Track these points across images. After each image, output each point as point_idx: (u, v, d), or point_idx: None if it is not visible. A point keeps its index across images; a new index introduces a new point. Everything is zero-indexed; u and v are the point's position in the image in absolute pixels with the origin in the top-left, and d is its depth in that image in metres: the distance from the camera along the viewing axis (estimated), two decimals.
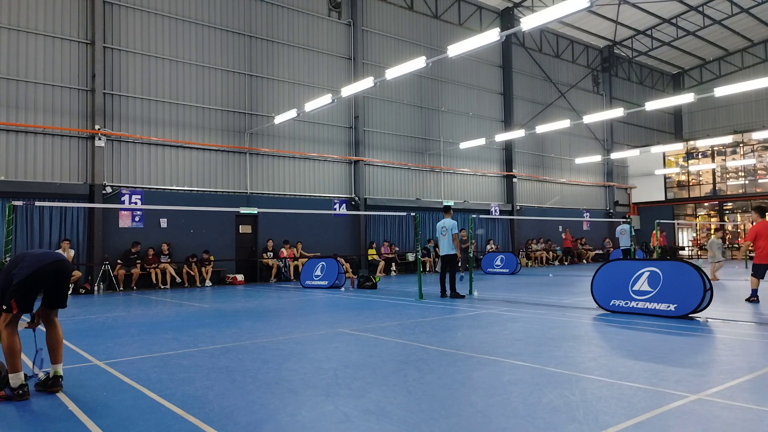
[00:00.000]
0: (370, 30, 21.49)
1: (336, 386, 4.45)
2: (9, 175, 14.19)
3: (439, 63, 22.56)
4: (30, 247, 14.33)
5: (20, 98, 14.46)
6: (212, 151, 17.54)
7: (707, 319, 7.71)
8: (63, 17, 15.21)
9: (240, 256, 17.86)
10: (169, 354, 5.98)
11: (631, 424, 3.41)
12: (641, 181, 33.16)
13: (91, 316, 9.63)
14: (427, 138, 23.16)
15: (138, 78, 16.25)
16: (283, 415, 3.74)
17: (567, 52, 29.68)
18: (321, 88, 19.47)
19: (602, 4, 25.65)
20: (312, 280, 15.32)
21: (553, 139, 28.56)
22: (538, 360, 5.30)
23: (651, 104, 17.62)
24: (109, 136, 15.56)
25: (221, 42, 17.87)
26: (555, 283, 15.35)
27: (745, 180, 30.37)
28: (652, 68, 34.97)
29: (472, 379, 4.66)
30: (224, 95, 17.85)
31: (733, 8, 27.15)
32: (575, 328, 7.36)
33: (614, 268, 8.99)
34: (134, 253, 15.36)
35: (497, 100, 25.99)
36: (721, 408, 3.72)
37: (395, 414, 3.73)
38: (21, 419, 3.81)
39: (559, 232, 27.94)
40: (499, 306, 9.97)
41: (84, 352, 6.19)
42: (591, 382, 4.47)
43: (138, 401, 4.15)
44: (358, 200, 20.47)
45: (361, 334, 7.03)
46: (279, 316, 9.22)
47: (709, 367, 5.01)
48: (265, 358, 5.62)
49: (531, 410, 3.74)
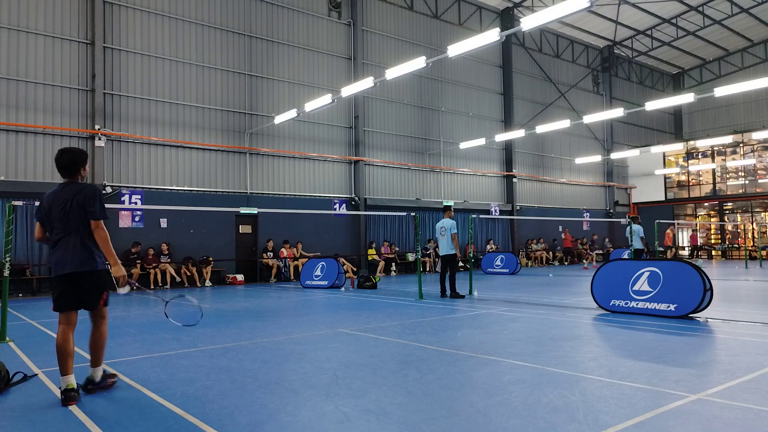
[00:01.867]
0: (370, 30, 21.49)
1: (336, 386, 4.45)
2: (9, 175, 14.19)
3: (439, 63, 22.56)
4: (30, 247, 14.34)
5: (20, 98, 14.46)
6: (212, 151, 17.54)
7: (707, 319, 7.71)
8: (63, 17, 15.21)
9: (240, 256, 17.86)
10: (169, 354, 5.98)
11: (631, 424, 3.40)
12: (641, 181, 33.17)
13: None
14: (427, 138, 23.16)
15: (138, 78, 16.25)
16: (283, 415, 3.74)
17: (567, 52, 29.68)
18: (321, 88, 19.47)
19: (602, 4, 25.65)
20: (312, 280, 15.32)
21: (553, 139, 28.56)
22: (538, 360, 5.30)
23: (651, 104, 17.62)
24: (109, 136, 15.56)
25: (221, 42, 17.87)
26: (555, 283, 15.35)
27: (745, 180, 30.37)
28: (652, 68, 34.97)
29: (472, 379, 4.66)
30: (224, 95, 17.85)
31: (733, 8, 27.15)
32: (575, 328, 7.36)
33: (614, 268, 8.99)
34: (134, 253, 15.36)
35: (497, 100, 25.99)
36: (721, 408, 3.72)
37: (395, 414, 3.73)
38: (21, 419, 3.81)
39: (559, 232, 27.95)
40: (499, 306, 9.97)
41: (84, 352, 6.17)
42: (591, 382, 4.47)
43: (138, 401, 4.15)
44: (358, 200, 20.47)
45: (361, 334, 7.03)
46: (279, 316, 9.22)
47: (709, 367, 5.00)
48: (265, 358, 5.62)
49: (531, 410, 3.74)
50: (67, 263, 4.33)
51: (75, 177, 4.54)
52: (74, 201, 4.37)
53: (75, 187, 4.45)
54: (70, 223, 4.38)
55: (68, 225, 4.38)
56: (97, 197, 4.43)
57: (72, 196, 4.38)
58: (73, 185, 4.48)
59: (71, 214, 4.37)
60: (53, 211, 4.41)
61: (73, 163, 4.51)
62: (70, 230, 4.38)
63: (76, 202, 4.37)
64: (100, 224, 4.41)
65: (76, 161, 4.52)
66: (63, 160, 4.50)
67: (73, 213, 4.37)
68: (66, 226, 4.38)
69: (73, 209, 4.37)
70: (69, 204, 4.37)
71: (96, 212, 4.38)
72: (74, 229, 4.38)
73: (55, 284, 4.42)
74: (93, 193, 4.43)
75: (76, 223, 4.38)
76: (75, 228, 4.38)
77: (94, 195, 4.42)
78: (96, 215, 4.38)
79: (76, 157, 4.53)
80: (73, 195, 4.39)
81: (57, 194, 4.45)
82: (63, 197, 4.40)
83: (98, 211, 4.40)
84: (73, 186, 4.47)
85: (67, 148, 4.57)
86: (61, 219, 4.38)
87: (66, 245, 4.37)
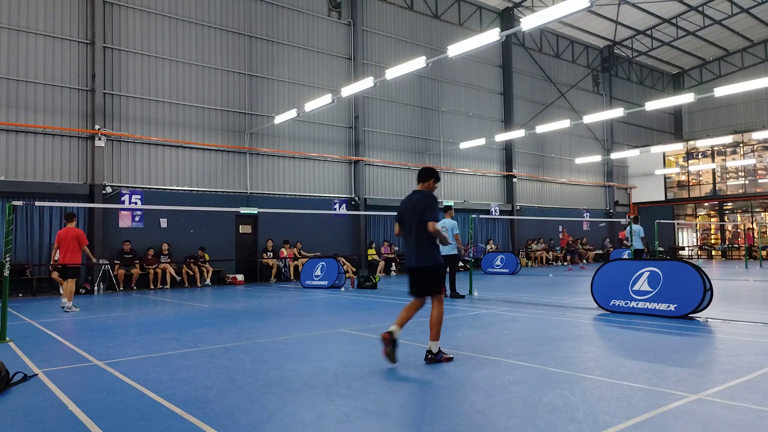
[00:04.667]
0: (370, 30, 21.49)
1: (336, 386, 4.45)
2: (9, 175, 14.19)
3: (439, 63, 22.56)
4: (30, 247, 14.35)
5: (20, 98, 14.46)
6: (212, 151, 17.54)
7: (707, 319, 7.71)
8: (63, 17, 15.21)
9: (240, 256, 17.86)
10: (169, 354, 5.97)
11: (631, 424, 3.40)
12: (641, 181, 33.17)
13: (91, 316, 9.63)
14: (427, 138, 23.16)
15: (138, 78, 16.25)
16: (283, 415, 3.74)
17: (567, 52, 29.68)
18: (321, 88, 19.47)
19: (602, 4, 25.65)
20: (312, 280, 15.32)
21: (553, 139, 28.56)
22: (538, 360, 5.30)
23: (651, 104, 17.62)
24: (109, 136, 15.56)
25: (221, 42, 17.87)
26: (555, 283, 15.34)
27: (745, 180, 30.38)
28: (652, 68, 34.97)
29: (472, 379, 4.66)
30: (224, 95, 17.85)
31: (733, 8, 27.15)
32: (575, 328, 7.36)
33: (614, 268, 8.99)
34: (127, 252, 15.33)
35: (497, 100, 25.99)
36: (721, 408, 3.72)
37: (395, 414, 3.73)
38: (21, 419, 3.81)
39: (558, 232, 27.96)
40: (499, 306, 9.97)
41: (84, 352, 6.19)
42: (591, 382, 4.47)
43: (138, 401, 4.15)
44: (358, 200, 20.47)
45: (361, 334, 7.03)
46: (279, 316, 9.22)
47: (709, 367, 5.00)
48: (265, 358, 5.62)
49: (531, 410, 3.74)
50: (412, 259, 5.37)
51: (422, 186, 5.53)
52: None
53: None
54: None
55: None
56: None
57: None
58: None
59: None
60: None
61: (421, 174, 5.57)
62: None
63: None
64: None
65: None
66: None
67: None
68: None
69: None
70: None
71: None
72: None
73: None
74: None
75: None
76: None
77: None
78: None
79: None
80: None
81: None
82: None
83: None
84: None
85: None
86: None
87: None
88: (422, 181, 5.51)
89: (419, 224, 5.23)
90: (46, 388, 4.61)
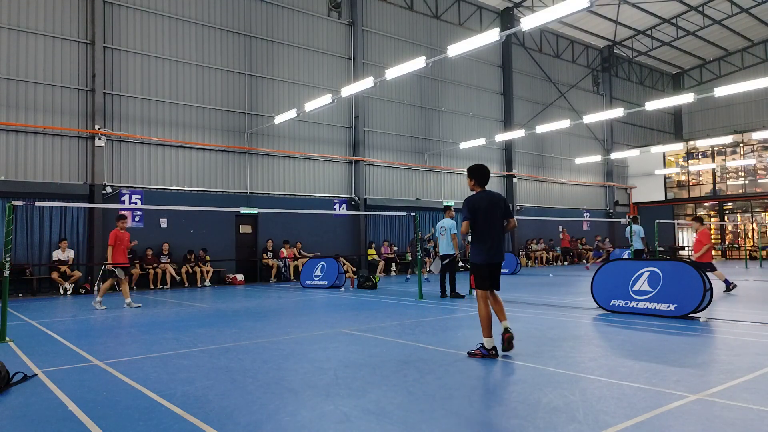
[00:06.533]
0: (370, 30, 21.49)
1: (336, 386, 4.45)
2: (9, 175, 14.19)
3: (439, 63, 22.57)
4: (30, 247, 14.34)
5: (20, 98, 14.46)
6: (212, 151, 17.54)
7: (707, 319, 7.71)
8: (63, 17, 15.21)
9: (240, 256, 17.86)
10: (169, 354, 5.97)
11: (631, 424, 3.40)
12: (641, 181, 33.17)
13: (91, 316, 9.63)
14: (427, 138, 23.16)
15: (138, 78, 16.25)
16: (283, 415, 3.74)
17: (567, 52, 29.68)
18: (321, 88, 19.47)
19: (602, 4, 25.65)
20: (312, 280, 15.32)
21: (553, 139, 28.56)
22: (538, 360, 5.30)
23: (651, 104, 17.61)
24: (109, 136, 15.56)
25: (221, 42, 17.87)
26: (555, 283, 15.34)
27: (745, 180, 30.38)
28: (652, 68, 34.97)
29: (472, 379, 4.66)
30: (224, 95, 17.85)
31: (733, 8, 27.15)
32: (575, 328, 7.36)
33: (614, 268, 8.99)
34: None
35: (497, 100, 25.99)
36: (721, 408, 3.72)
37: (395, 414, 3.73)
38: (21, 419, 3.81)
39: (558, 233, 27.95)
40: None
41: (84, 352, 6.19)
42: (591, 382, 4.47)
43: (138, 401, 4.15)
44: (358, 200, 20.47)
45: (361, 334, 7.03)
46: (279, 316, 9.22)
47: (709, 367, 5.00)
48: (265, 358, 5.62)
49: (531, 410, 3.74)
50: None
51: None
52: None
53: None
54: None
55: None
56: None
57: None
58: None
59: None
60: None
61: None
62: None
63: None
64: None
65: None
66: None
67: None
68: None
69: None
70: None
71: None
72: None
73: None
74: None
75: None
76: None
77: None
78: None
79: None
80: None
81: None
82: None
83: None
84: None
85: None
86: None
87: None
88: (486, 181, 5.85)
89: (502, 221, 5.73)
90: (46, 388, 4.61)
